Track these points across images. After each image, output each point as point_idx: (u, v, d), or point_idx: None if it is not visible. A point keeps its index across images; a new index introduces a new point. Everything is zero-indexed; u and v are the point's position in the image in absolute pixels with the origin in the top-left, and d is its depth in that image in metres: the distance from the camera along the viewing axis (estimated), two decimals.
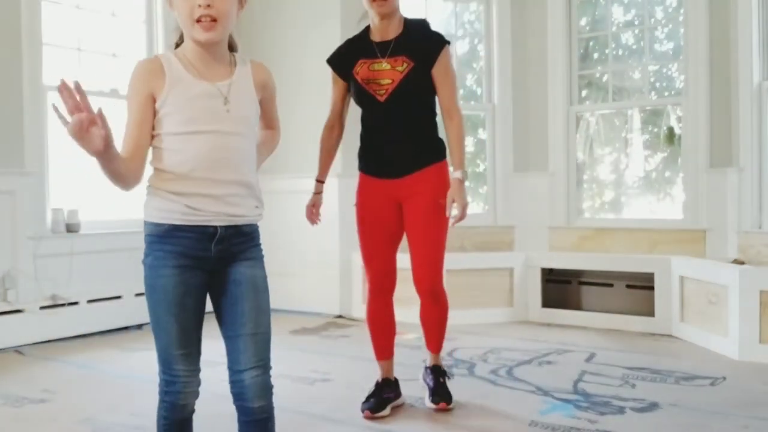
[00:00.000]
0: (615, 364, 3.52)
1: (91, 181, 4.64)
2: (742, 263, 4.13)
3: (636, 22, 5.13)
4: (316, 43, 5.16)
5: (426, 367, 2.97)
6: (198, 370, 1.71)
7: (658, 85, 5.17)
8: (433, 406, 2.79)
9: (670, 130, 4.98)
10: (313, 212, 2.90)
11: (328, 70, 2.67)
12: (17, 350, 3.91)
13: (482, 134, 5.47)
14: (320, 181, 2.93)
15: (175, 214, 1.60)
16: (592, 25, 5.30)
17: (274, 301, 4.44)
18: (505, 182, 5.25)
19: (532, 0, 5.23)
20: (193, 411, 1.75)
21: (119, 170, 1.55)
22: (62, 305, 4.21)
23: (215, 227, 1.62)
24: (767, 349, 3.52)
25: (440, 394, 2.80)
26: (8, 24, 4.06)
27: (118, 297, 4.51)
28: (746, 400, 2.89)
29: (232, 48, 1.73)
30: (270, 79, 1.78)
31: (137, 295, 4.59)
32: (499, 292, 4.75)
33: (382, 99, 2.66)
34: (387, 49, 2.66)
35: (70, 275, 4.26)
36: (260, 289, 1.77)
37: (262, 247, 1.78)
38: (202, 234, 1.61)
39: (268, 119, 1.88)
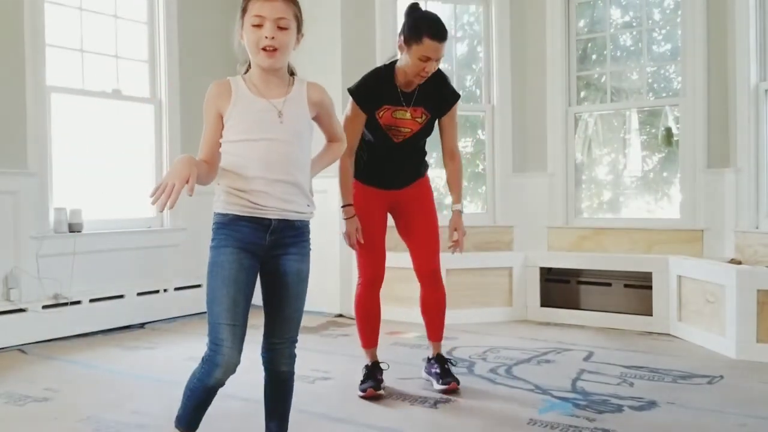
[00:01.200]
0: (613, 362, 3.54)
1: (93, 180, 4.68)
2: (739, 263, 4.16)
3: (634, 24, 5.15)
4: (314, 43, 5.17)
5: (429, 359, 3.16)
6: (240, 350, 1.91)
7: (656, 86, 5.20)
8: (444, 387, 2.98)
9: (668, 130, 5.01)
10: (358, 235, 2.94)
11: (328, 71, 2.71)
12: (20, 349, 3.93)
13: (481, 135, 5.50)
14: (351, 205, 2.96)
15: (237, 206, 1.89)
16: (590, 26, 5.33)
17: None
18: (504, 182, 5.27)
19: (530, 1, 5.25)
20: (223, 384, 1.96)
21: (201, 176, 1.85)
22: (65, 304, 4.23)
23: (270, 219, 1.91)
24: (764, 348, 3.55)
25: (450, 375, 3.01)
26: (11, 25, 4.09)
27: (121, 296, 4.53)
28: (743, 398, 2.91)
29: (291, 72, 2.04)
30: (325, 97, 2.04)
31: (139, 294, 4.62)
32: (498, 291, 4.78)
33: (397, 141, 2.96)
34: (411, 99, 2.92)
35: (73, 274, 4.29)
36: (303, 280, 2.05)
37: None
38: (259, 224, 1.90)
39: (330, 133, 2.15)
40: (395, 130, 2.92)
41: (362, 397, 2.95)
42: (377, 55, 5.12)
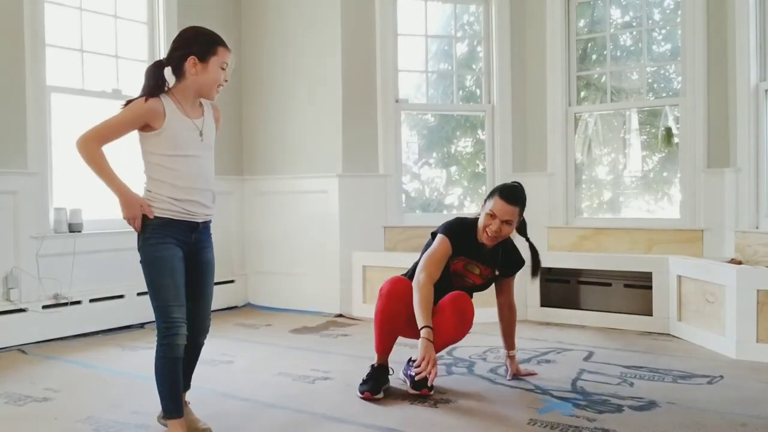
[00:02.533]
0: (613, 362, 3.55)
1: (93, 180, 4.66)
2: (739, 263, 4.16)
3: (634, 24, 5.15)
4: (314, 43, 5.19)
5: (412, 359, 3.15)
6: (186, 320, 2.32)
7: (656, 86, 5.20)
8: (415, 392, 2.98)
9: (668, 130, 5.01)
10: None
11: (327, 72, 2.68)
12: (20, 349, 3.93)
13: (481, 135, 5.50)
14: (431, 327, 2.87)
15: (174, 212, 2.30)
16: (590, 26, 5.33)
17: (276, 301, 4.47)
18: (504, 182, 5.26)
19: (530, 1, 5.26)
20: (183, 354, 2.32)
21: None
22: (65, 304, 4.23)
23: (197, 222, 2.37)
24: (764, 348, 3.55)
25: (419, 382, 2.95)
26: (11, 25, 4.09)
27: (121, 296, 4.54)
28: (743, 398, 2.91)
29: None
30: (220, 116, 2.51)
31: (139, 294, 4.62)
32: None
33: (455, 284, 3.14)
34: (485, 258, 3.17)
35: (73, 274, 4.29)
36: (213, 267, 2.50)
37: (266, 247, 2.38)
38: (189, 226, 2.34)
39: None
40: (460, 278, 3.15)
41: (360, 397, 2.96)
42: (377, 55, 5.13)
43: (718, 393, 3.00)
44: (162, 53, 4.96)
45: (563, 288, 4.82)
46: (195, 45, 2.32)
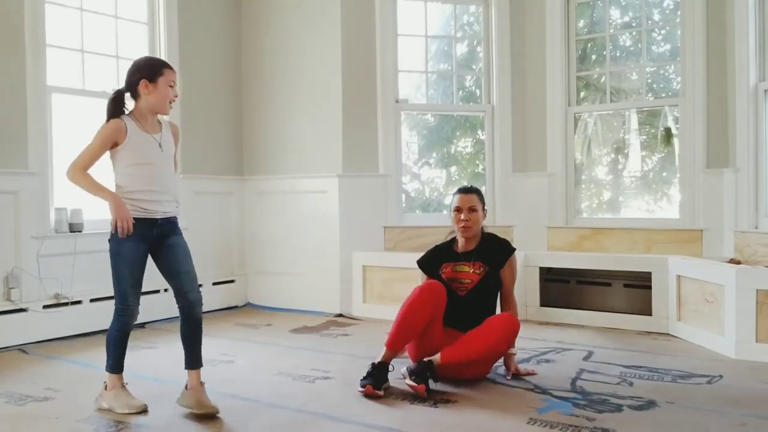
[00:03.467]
0: (613, 362, 3.55)
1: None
2: (738, 263, 4.17)
3: (633, 24, 5.16)
4: (314, 43, 5.19)
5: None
6: (139, 303, 2.82)
7: (655, 86, 5.20)
8: (411, 383, 2.94)
9: (668, 130, 5.02)
10: None
11: (328, 72, 2.70)
12: (21, 349, 3.94)
13: (481, 135, 5.51)
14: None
15: (134, 211, 2.71)
16: (590, 26, 5.34)
17: (276, 301, 4.46)
18: (504, 182, 5.28)
19: (530, 2, 5.26)
20: (131, 329, 2.85)
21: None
22: (65, 304, 4.24)
23: (156, 219, 2.77)
24: (764, 348, 3.55)
25: (424, 379, 2.96)
26: (12, 26, 4.09)
27: None
28: (743, 398, 2.92)
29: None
30: (178, 132, 2.96)
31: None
32: None
33: (462, 294, 3.31)
34: (470, 257, 3.37)
35: (73, 274, 4.29)
36: (184, 248, 2.84)
37: (266, 247, 2.63)
38: (150, 222, 2.76)
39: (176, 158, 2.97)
40: (458, 282, 3.32)
41: (361, 392, 2.96)
42: (377, 55, 5.14)
43: (718, 393, 3.00)
44: (162, 53, 4.97)
45: (563, 288, 4.83)
46: (145, 69, 2.74)
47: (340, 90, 5.08)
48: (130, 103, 2.81)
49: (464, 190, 3.43)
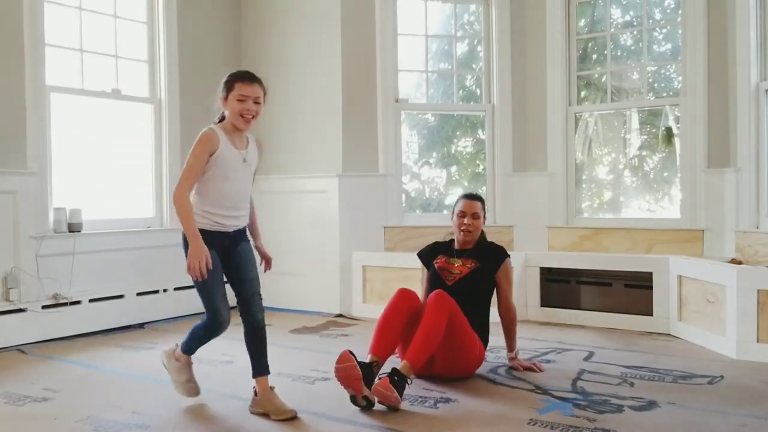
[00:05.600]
0: (613, 362, 3.54)
1: (93, 180, 4.68)
2: (739, 263, 4.15)
3: (634, 23, 5.15)
4: (314, 43, 5.18)
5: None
6: (229, 309, 2.82)
7: (656, 85, 5.19)
8: (371, 390, 2.76)
9: (669, 130, 5.01)
10: None
11: (327, 71, 2.66)
12: (20, 349, 3.93)
13: (481, 134, 5.50)
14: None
15: (209, 225, 2.71)
16: (590, 26, 5.33)
17: (276, 301, 4.44)
18: (505, 182, 5.27)
19: (531, 1, 5.25)
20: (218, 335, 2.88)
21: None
22: (64, 304, 4.23)
23: (229, 232, 2.78)
24: (765, 348, 3.54)
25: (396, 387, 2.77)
26: (11, 25, 4.08)
27: (120, 296, 4.53)
28: (744, 398, 2.91)
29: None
30: (262, 147, 2.96)
31: (139, 294, 4.62)
32: None
33: (449, 284, 3.38)
34: (461, 254, 3.49)
35: (72, 274, 4.28)
36: (250, 255, 2.87)
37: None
38: (222, 235, 2.76)
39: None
40: (447, 272, 3.43)
41: (337, 369, 2.76)
42: (377, 55, 5.13)
43: (719, 393, 2.99)
44: (161, 53, 4.97)
45: (563, 288, 4.82)
46: (223, 83, 2.76)
47: (340, 89, 5.07)
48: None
49: (470, 197, 3.52)
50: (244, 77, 2.74)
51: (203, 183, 2.71)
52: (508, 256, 3.49)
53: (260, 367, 2.80)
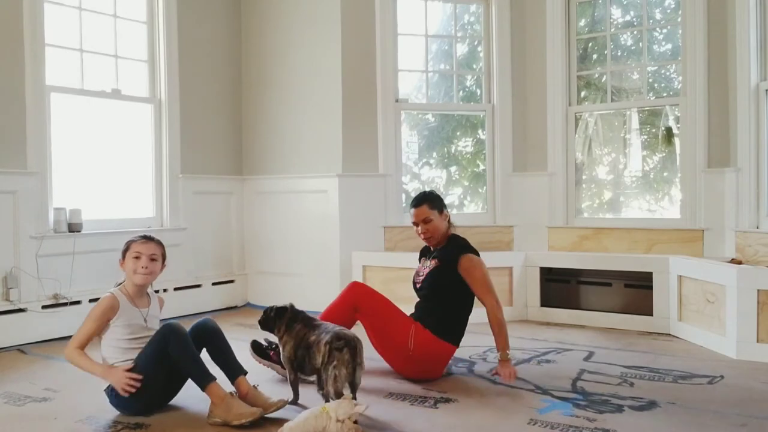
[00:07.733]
0: (613, 362, 3.54)
1: (93, 180, 4.67)
2: (739, 263, 4.15)
3: (635, 23, 5.15)
4: (314, 43, 5.18)
5: None
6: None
7: (656, 85, 5.19)
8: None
9: (669, 130, 5.01)
10: None
11: (327, 71, 2.64)
12: (20, 349, 3.93)
13: (481, 134, 5.50)
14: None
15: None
16: (590, 26, 5.33)
17: (276, 301, 4.45)
18: (505, 182, 5.27)
19: (531, 1, 5.25)
20: None
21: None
22: (64, 304, 4.22)
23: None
24: (765, 348, 3.54)
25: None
26: (11, 25, 4.08)
27: None
28: (744, 398, 2.91)
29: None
30: (163, 306, 3.12)
31: None
32: (498, 291, 4.74)
33: (418, 285, 3.49)
34: (431, 255, 3.51)
35: (72, 274, 4.28)
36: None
37: (265, 247, 2.67)
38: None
39: None
40: (417, 276, 3.51)
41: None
42: (377, 55, 5.13)
43: (719, 393, 2.99)
44: (161, 53, 4.96)
45: (563, 288, 4.82)
46: (122, 249, 2.92)
47: (339, 89, 5.07)
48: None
49: (414, 203, 3.46)
50: (140, 238, 2.94)
51: (109, 345, 2.82)
52: (468, 252, 3.34)
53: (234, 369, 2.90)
